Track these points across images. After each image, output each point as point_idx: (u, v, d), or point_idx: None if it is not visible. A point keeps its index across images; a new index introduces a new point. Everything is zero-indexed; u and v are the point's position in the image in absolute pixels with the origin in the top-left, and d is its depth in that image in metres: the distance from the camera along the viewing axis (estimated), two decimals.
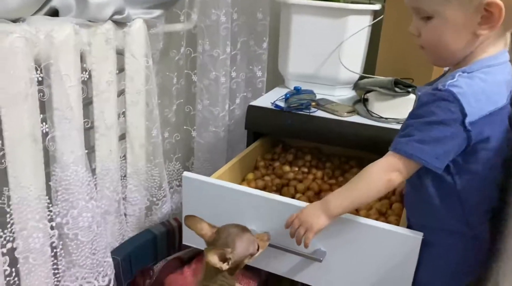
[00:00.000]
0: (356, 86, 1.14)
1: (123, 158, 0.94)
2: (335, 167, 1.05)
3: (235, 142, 1.28)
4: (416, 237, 0.65)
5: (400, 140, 0.62)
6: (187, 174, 0.80)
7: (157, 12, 0.92)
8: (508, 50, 0.64)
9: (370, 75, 1.11)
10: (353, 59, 1.11)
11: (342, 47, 1.07)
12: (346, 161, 1.08)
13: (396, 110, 0.96)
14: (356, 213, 0.74)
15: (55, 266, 0.76)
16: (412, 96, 0.98)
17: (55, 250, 0.76)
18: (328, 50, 1.09)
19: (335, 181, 0.98)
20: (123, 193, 0.95)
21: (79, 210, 0.77)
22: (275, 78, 1.32)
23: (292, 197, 0.87)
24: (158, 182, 1.01)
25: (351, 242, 0.70)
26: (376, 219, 0.71)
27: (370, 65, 1.19)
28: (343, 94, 1.15)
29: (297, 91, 1.07)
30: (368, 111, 0.99)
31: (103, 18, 0.79)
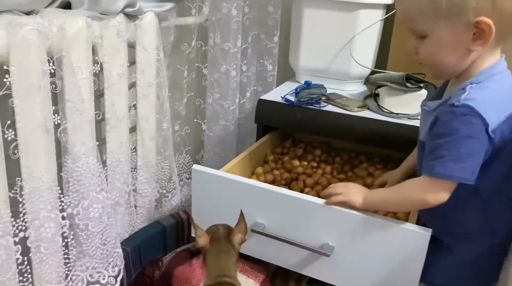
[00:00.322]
0: (367, 81, 1.13)
1: (134, 150, 0.94)
2: (345, 162, 1.04)
3: (245, 136, 1.29)
4: (424, 233, 0.65)
5: (433, 163, 0.62)
6: (196, 167, 0.81)
7: (168, 5, 0.92)
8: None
9: (381, 70, 1.10)
10: (364, 53, 1.10)
11: (354, 41, 1.07)
12: (356, 156, 1.07)
13: (407, 105, 0.95)
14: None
15: (66, 256, 0.77)
16: (423, 92, 0.98)
17: (66, 240, 0.77)
18: (339, 45, 1.08)
19: (344, 176, 0.98)
20: (133, 185, 0.95)
21: (89, 201, 0.78)
22: (286, 72, 1.31)
23: (301, 192, 0.87)
24: (168, 175, 1.01)
25: (359, 237, 0.70)
26: (385, 215, 0.71)
27: (381, 60, 1.18)
28: (354, 89, 1.14)
29: (307, 85, 1.07)
30: (379, 106, 0.98)
31: (114, 11, 0.80)
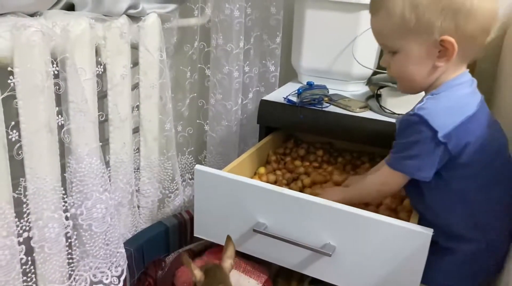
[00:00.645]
0: (369, 81, 1.13)
1: (137, 150, 0.95)
2: (347, 162, 1.05)
3: (247, 137, 1.29)
4: (426, 233, 0.65)
5: (392, 156, 0.72)
6: (199, 167, 0.81)
7: (171, 6, 0.93)
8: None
9: (383, 71, 1.10)
10: (366, 54, 1.10)
11: (356, 42, 1.07)
12: (358, 156, 1.07)
13: (409, 106, 0.94)
14: (365, 208, 0.74)
15: (69, 256, 0.78)
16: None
17: (69, 240, 0.77)
18: (341, 45, 1.09)
19: (346, 177, 0.98)
20: (136, 185, 0.96)
21: (93, 202, 0.78)
22: (288, 73, 1.31)
23: (300, 191, 0.88)
24: (171, 175, 1.02)
25: (360, 237, 0.70)
26: (388, 215, 0.71)
27: None
28: (356, 90, 1.15)
29: (310, 86, 1.07)
30: (381, 106, 0.98)
31: (118, 13, 0.80)
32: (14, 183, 0.67)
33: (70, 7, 0.78)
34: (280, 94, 1.09)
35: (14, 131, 0.65)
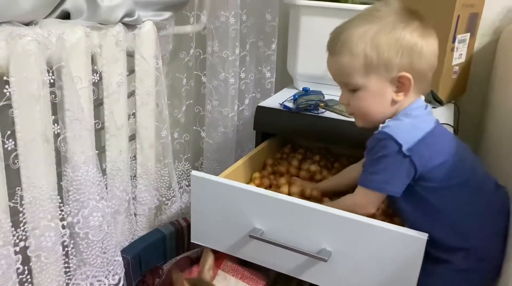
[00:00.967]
0: None
1: (133, 158, 0.95)
2: (343, 167, 1.05)
3: (244, 143, 1.29)
4: (420, 238, 0.65)
5: (361, 175, 0.77)
6: (195, 173, 0.81)
7: (166, 14, 0.93)
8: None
9: None
10: None
11: None
12: (354, 161, 1.07)
13: None
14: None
15: (66, 265, 0.78)
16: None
17: (66, 249, 0.77)
18: None
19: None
20: (133, 193, 0.96)
21: (89, 210, 0.78)
22: (284, 79, 1.32)
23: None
24: (168, 182, 1.02)
25: (356, 242, 0.70)
26: (383, 220, 0.71)
27: None
28: None
29: (305, 92, 1.08)
30: None
31: (113, 21, 0.81)
32: (10, 192, 0.67)
33: (66, 16, 0.78)
34: (276, 100, 1.09)
35: (10, 140, 0.65)
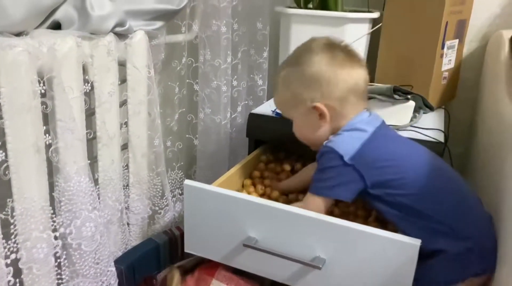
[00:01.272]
0: None
1: (126, 167, 0.95)
2: None
3: (237, 150, 1.29)
4: (413, 244, 0.65)
5: (310, 184, 0.81)
6: (188, 182, 0.81)
7: (158, 23, 0.93)
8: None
9: (369, 83, 1.12)
10: None
11: None
12: None
13: (396, 117, 0.96)
14: (354, 220, 0.75)
15: (58, 276, 0.77)
16: (411, 103, 0.99)
17: (58, 260, 0.76)
18: None
19: None
20: (126, 202, 0.95)
21: (82, 220, 0.78)
22: None
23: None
24: (161, 191, 1.02)
25: (350, 249, 0.71)
26: (376, 227, 0.71)
27: (369, 72, 1.19)
28: None
29: None
30: None
31: (104, 31, 0.81)
32: (1, 203, 0.66)
33: (57, 26, 0.78)
34: (269, 107, 1.09)
35: (1, 151, 0.64)
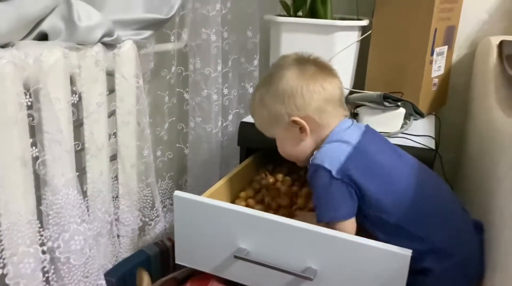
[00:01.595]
0: (346, 101, 1.14)
1: (115, 178, 0.94)
2: None
3: (229, 159, 1.29)
4: (404, 254, 0.65)
5: (316, 212, 0.79)
6: (178, 193, 0.80)
7: (147, 33, 0.93)
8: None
9: (359, 90, 1.12)
10: (342, 74, 1.08)
11: (331, 63, 1.07)
12: None
13: (386, 124, 0.96)
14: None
15: None
16: (401, 110, 0.99)
17: (46, 275, 0.75)
18: None
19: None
20: (116, 214, 0.94)
21: (70, 233, 0.76)
22: None
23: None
24: (151, 202, 1.00)
25: (341, 260, 0.70)
26: (368, 237, 0.71)
27: (359, 80, 1.20)
28: None
29: None
30: None
31: (92, 41, 0.80)
32: None
33: (43, 37, 0.78)
34: None
35: None
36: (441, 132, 1.09)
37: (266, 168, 1.11)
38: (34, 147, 0.71)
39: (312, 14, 1.15)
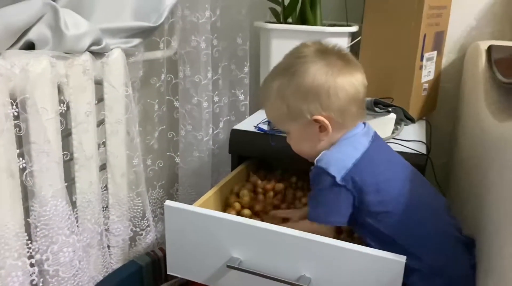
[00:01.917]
0: None
1: (104, 188, 0.92)
2: None
3: (220, 166, 1.28)
4: (399, 260, 0.65)
5: (308, 209, 0.79)
6: (169, 203, 0.79)
7: (135, 41, 0.92)
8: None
9: None
10: None
11: None
12: None
13: (378, 130, 0.95)
14: (338, 237, 0.74)
15: None
16: (392, 115, 0.99)
17: None
18: None
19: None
20: (106, 224, 0.93)
21: (59, 245, 0.75)
22: (258, 101, 1.32)
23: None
24: (141, 212, 0.99)
25: (335, 268, 0.69)
26: (361, 244, 0.71)
27: None
28: None
29: None
30: None
31: (80, 50, 0.79)
32: None
33: (30, 46, 0.77)
34: (251, 122, 1.09)
35: None
36: (432, 137, 1.10)
37: (260, 173, 1.11)
38: (21, 158, 0.70)
39: (302, 20, 1.15)
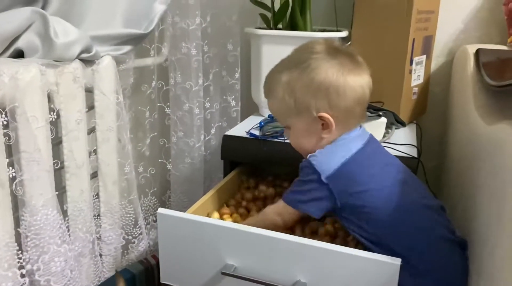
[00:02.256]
0: None
1: (96, 196, 0.91)
2: None
3: (212, 173, 1.27)
4: (393, 263, 0.65)
5: (287, 190, 0.81)
6: (162, 210, 0.79)
7: (126, 48, 0.92)
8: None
9: None
10: None
11: None
12: None
13: (375, 133, 0.96)
14: (332, 241, 0.74)
15: None
16: (383, 119, 1.00)
17: None
18: None
19: None
20: (97, 233, 0.92)
21: (50, 255, 0.74)
22: (250, 107, 1.32)
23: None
24: (133, 219, 0.98)
25: (330, 272, 0.69)
26: (355, 247, 0.71)
27: None
28: None
29: (271, 119, 1.08)
30: None
31: (70, 57, 0.79)
32: None
33: (20, 55, 0.76)
34: (243, 128, 1.09)
35: None
36: (422, 140, 1.10)
37: (252, 179, 1.11)
38: (11, 167, 0.69)
39: (292, 26, 1.16)
